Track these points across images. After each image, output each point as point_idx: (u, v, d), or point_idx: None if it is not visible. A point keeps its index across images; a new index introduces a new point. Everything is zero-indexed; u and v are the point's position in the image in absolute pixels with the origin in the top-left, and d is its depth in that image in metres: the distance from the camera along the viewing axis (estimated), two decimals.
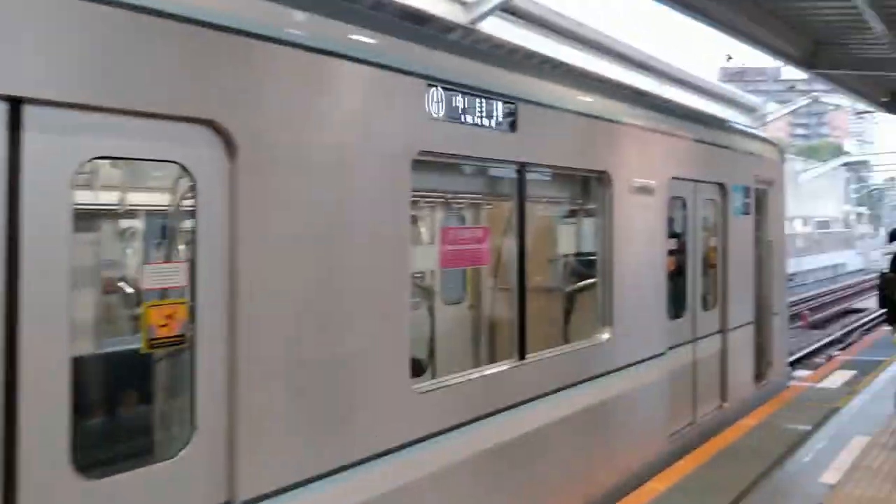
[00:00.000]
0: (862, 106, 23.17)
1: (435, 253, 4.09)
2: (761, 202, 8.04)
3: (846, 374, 8.87)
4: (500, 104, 3.96)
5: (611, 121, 5.22)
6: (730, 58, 15.96)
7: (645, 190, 5.55)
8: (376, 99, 3.28)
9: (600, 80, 5.70)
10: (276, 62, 2.81)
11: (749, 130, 8.32)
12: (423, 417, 3.41)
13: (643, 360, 5.48)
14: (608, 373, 4.96)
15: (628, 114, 5.56)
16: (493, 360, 4.82)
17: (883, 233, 73.83)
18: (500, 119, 3.97)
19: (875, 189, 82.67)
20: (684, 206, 6.46)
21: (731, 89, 28.80)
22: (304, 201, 2.89)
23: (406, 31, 3.99)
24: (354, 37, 3.23)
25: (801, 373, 13.16)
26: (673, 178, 6.04)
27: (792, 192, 48.22)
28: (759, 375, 7.86)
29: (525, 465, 4.13)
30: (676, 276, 6.36)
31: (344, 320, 3.04)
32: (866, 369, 8.90)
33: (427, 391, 3.47)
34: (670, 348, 5.95)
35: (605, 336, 5.00)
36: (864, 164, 74.85)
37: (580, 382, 4.63)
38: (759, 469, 5.27)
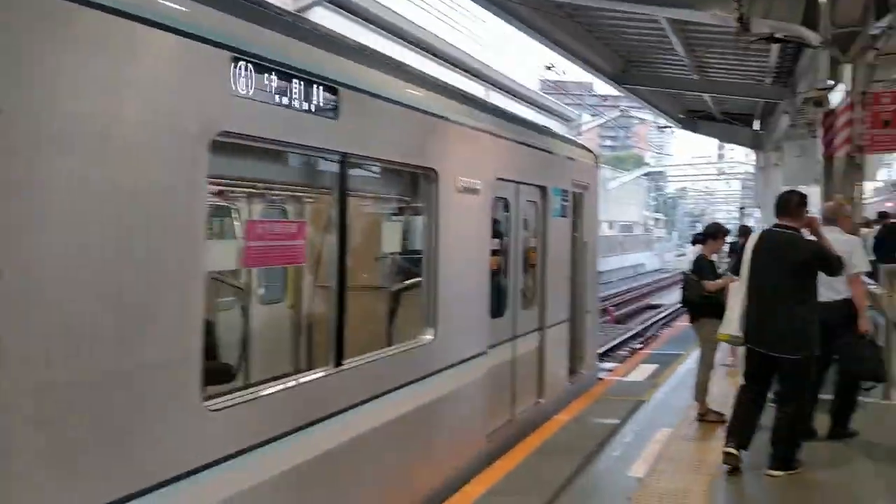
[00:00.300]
0: (663, 121, 25.53)
1: (238, 249, 3.66)
2: (578, 205, 8.40)
3: (649, 368, 9.55)
4: (320, 88, 3.61)
5: (440, 117, 5.07)
6: (550, 67, 16.74)
7: (471, 189, 5.48)
8: (166, 67, 2.78)
9: (430, 77, 5.62)
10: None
11: (568, 137, 8.65)
12: (215, 438, 2.95)
13: (465, 360, 5.41)
14: (431, 374, 4.81)
15: (457, 112, 5.45)
16: (310, 366, 4.46)
17: (676, 237, 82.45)
18: (321, 104, 3.63)
19: (670, 197, 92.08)
20: (507, 206, 6.52)
21: (550, 99, 30.52)
22: (65, 183, 2.34)
23: None
24: None
25: (608, 365, 14.20)
26: (498, 178, 6.05)
27: (602, 198, 52.37)
28: (572, 371, 8.20)
29: (338, 480, 3.82)
30: (499, 276, 6.40)
31: (107, 328, 2.48)
32: (666, 363, 9.63)
33: (221, 407, 3.02)
34: (491, 347, 5.95)
35: (429, 337, 4.84)
36: (661, 174, 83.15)
37: (402, 387, 4.41)
38: (573, 465, 5.40)
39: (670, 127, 27.10)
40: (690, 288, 6.72)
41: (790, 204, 5.23)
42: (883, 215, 13.92)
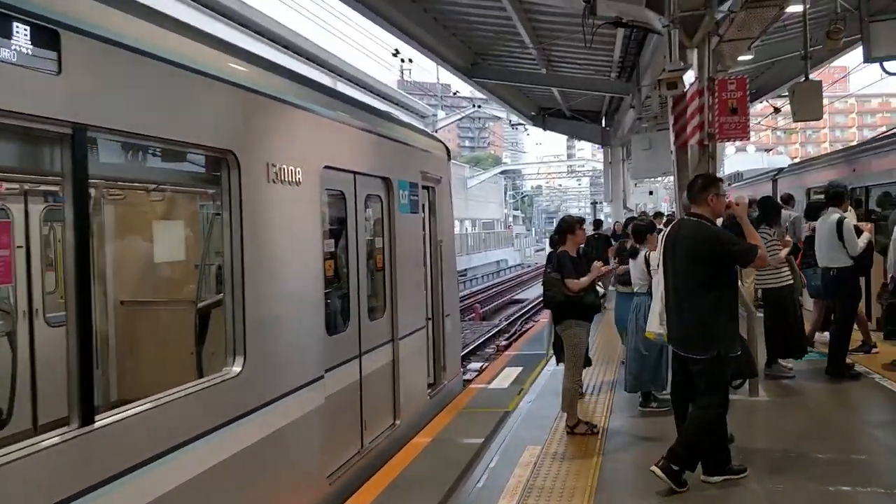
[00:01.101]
0: (515, 118, 25.60)
1: None
2: (430, 200, 7.62)
3: (514, 372, 8.95)
4: (21, 26, 2.48)
5: (239, 86, 4.01)
6: (396, 53, 15.93)
7: (289, 179, 4.47)
8: None
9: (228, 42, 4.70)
10: None
11: (415, 126, 7.82)
12: None
13: (292, 391, 4.39)
14: (238, 418, 3.74)
15: (266, 82, 4.41)
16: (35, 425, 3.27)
17: (534, 232, 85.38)
18: (28, 50, 2.50)
19: (526, 195, 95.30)
20: (344, 200, 5.58)
21: (403, 94, 29.86)
22: None
23: None
24: None
25: (474, 365, 13.66)
26: (328, 167, 5.09)
27: (462, 197, 52.64)
28: (433, 382, 7.41)
29: None
30: (336, 283, 5.45)
31: None
32: (531, 365, 9.08)
33: None
34: (330, 369, 4.98)
35: (235, 369, 3.77)
36: (518, 172, 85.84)
37: (188, 442, 3.31)
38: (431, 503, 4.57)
39: (523, 125, 27.32)
40: (552, 287, 6.09)
41: (693, 189, 4.79)
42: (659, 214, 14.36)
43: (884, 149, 11.48)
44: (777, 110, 23.56)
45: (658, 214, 13.26)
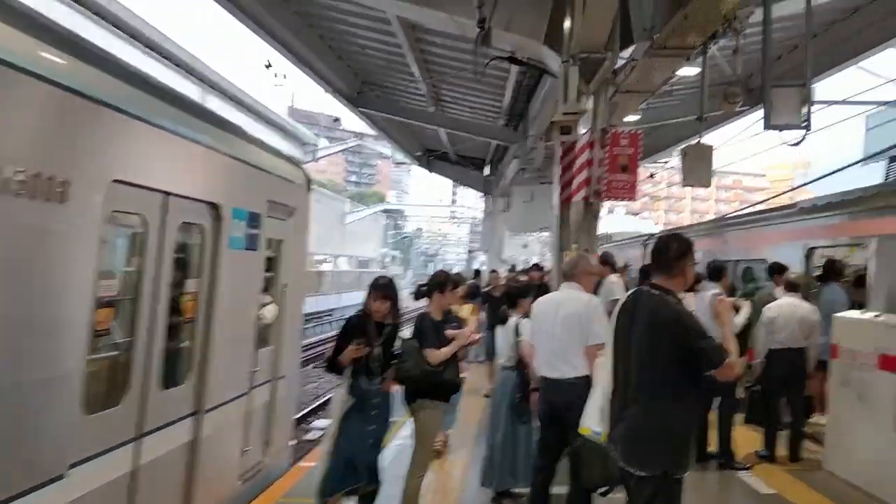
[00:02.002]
0: (400, 156, 24.75)
1: None
2: (279, 236, 6.32)
3: None
4: None
5: None
6: (269, 65, 14.59)
7: (37, 192, 3.08)
8: None
9: None
10: None
11: (264, 141, 6.50)
12: None
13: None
14: None
15: None
16: None
17: (411, 274, 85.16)
18: None
19: (406, 236, 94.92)
20: (146, 229, 4.19)
21: (280, 115, 28.15)
22: None
23: None
24: None
25: (322, 423, 12.15)
26: (117, 181, 3.72)
27: (339, 233, 50.99)
28: (251, 462, 5.99)
29: None
30: (113, 340, 4.02)
31: None
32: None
33: None
34: (83, 462, 3.53)
35: None
36: (400, 212, 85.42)
37: None
38: None
39: (406, 163, 26.54)
40: (408, 358, 4.96)
41: (666, 254, 3.66)
42: (537, 267, 12.93)
43: (756, 223, 11.48)
44: (652, 176, 24.12)
45: (536, 267, 12.31)
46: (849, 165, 10.96)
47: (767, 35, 6.75)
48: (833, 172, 13.05)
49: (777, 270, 8.47)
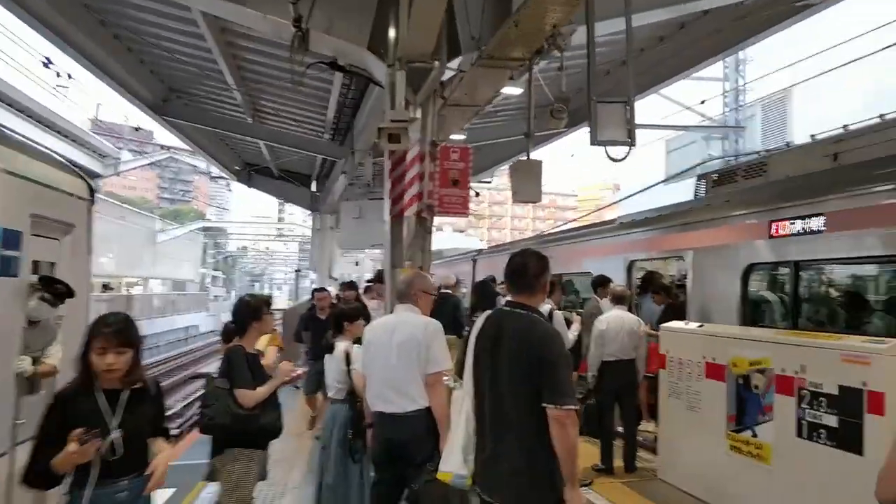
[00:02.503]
0: (217, 170, 23.08)
1: None
2: (52, 258, 5.16)
3: (163, 496, 6.54)
4: None
5: None
6: (48, 63, 12.67)
7: None
8: None
9: None
10: None
11: (25, 141, 5.32)
12: None
13: None
14: None
15: None
16: None
17: (234, 295, 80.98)
18: None
19: (229, 255, 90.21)
20: None
21: (72, 122, 25.09)
22: None
23: None
24: None
25: None
26: None
27: (151, 253, 46.98)
28: None
29: None
30: None
31: None
32: (191, 481, 6.73)
33: None
34: None
35: None
36: (222, 230, 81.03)
37: None
38: None
39: (224, 178, 24.85)
40: (215, 402, 4.15)
41: (524, 271, 3.29)
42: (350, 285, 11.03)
43: (579, 239, 11.82)
44: (477, 194, 24.62)
45: (349, 284, 10.25)
46: (659, 183, 11.62)
47: (591, 51, 6.76)
48: (644, 189, 13.91)
49: (600, 283, 8.62)
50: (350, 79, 10.91)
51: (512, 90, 10.38)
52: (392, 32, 6.46)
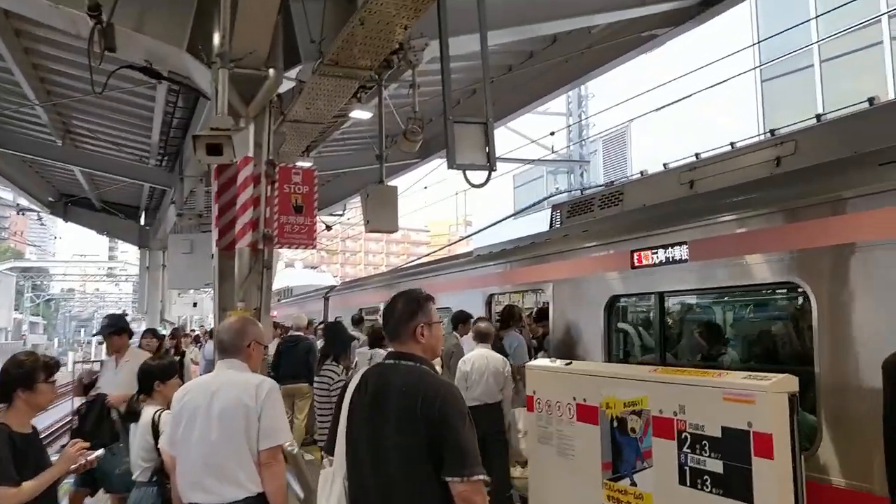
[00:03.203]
0: (26, 202, 20.18)
1: None
2: None
3: None
4: None
5: None
6: None
7: None
8: None
9: None
10: None
11: None
12: None
13: None
14: None
15: None
16: None
17: (56, 343, 73.28)
18: None
19: (52, 298, 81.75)
20: None
21: None
22: None
23: None
24: None
25: None
26: None
27: None
28: None
29: None
30: None
31: None
32: None
33: None
34: None
35: None
36: (43, 271, 73.25)
37: None
38: None
39: (35, 211, 21.88)
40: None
41: (402, 316, 2.87)
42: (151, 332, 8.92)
43: (435, 272, 11.24)
44: (329, 228, 23.54)
45: (149, 332, 8.27)
46: (514, 214, 11.35)
47: (446, 66, 6.18)
48: (499, 222, 13.67)
49: (461, 320, 8.00)
50: (176, 96, 9.69)
51: (361, 114, 9.66)
52: (216, 30, 5.47)
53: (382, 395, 2.68)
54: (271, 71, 5.67)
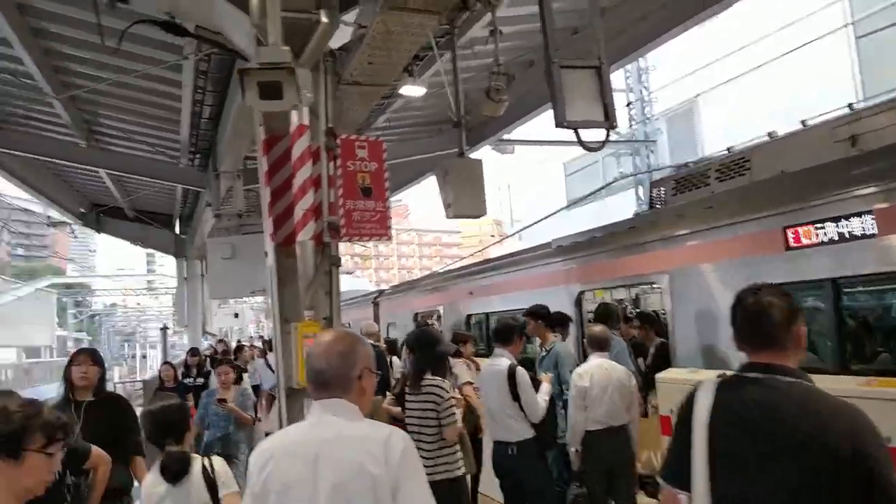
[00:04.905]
0: (57, 214, 19.34)
1: None
2: None
3: None
4: None
5: None
6: None
7: None
8: None
9: None
10: None
11: None
12: None
13: None
14: None
15: None
16: None
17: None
18: None
19: (96, 314, 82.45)
20: None
21: None
22: None
23: None
24: None
25: None
26: None
27: None
28: None
29: None
30: None
31: None
32: None
33: None
34: None
35: None
36: (86, 287, 73.79)
37: None
38: None
39: (67, 223, 21.08)
40: None
41: (783, 317, 2.19)
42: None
43: (509, 268, 9.86)
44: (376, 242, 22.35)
45: (191, 352, 8.29)
46: (597, 191, 9.90)
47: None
48: (569, 206, 12.23)
49: (560, 322, 6.61)
50: (204, 81, 8.48)
51: (414, 90, 8.34)
52: None
53: (767, 422, 2.04)
54: (323, 14, 4.35)
